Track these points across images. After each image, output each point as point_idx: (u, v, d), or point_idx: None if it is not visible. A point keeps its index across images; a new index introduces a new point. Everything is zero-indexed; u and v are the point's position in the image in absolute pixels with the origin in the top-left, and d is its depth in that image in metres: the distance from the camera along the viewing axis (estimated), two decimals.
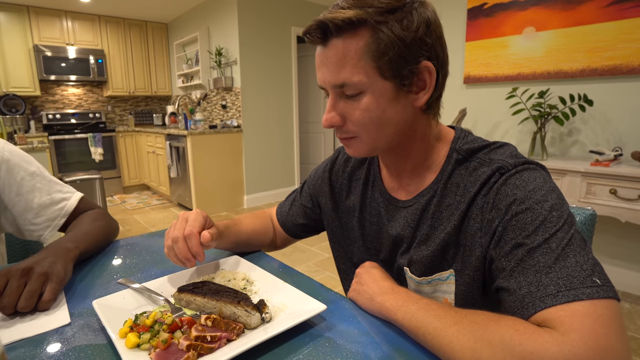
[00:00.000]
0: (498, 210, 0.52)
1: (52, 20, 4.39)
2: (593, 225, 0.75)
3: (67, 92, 4.86)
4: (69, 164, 4.42)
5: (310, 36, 0.55)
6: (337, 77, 0.54)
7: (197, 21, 4.54)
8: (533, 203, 0.50)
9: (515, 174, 0.54)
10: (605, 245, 2.21)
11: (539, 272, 0.45)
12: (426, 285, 0.63)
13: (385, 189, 0.69)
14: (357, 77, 0.53)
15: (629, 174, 1.77)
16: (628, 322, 1.85)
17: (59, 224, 0.86)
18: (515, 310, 0.45)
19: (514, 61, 2.50)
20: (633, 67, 2.02)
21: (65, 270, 0.64)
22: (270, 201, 4.34)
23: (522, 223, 0.49)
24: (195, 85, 4.74)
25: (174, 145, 3.93)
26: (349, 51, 0.52)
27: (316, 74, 0.59)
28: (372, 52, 0.52)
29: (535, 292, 0.44)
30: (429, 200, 0.62)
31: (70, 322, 0.56)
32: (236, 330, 0.51)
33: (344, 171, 0.78)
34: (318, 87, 0.60)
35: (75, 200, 0.89)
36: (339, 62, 0.53)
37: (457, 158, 0.60)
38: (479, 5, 2.61)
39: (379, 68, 0.53)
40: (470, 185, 0.57)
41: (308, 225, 0.86)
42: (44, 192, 0.85)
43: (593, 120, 2.22)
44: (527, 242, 0.48)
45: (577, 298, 0.41)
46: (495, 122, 2.67)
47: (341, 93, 0.56)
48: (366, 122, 0.56)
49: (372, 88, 0.54)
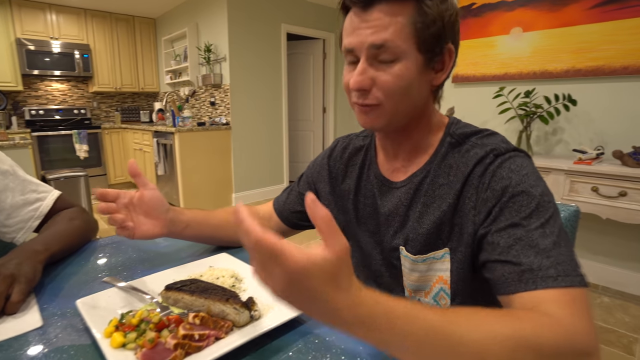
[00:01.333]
0: (494, 191, 0.55)
1: (35, 13, 4.28)
2: (577, 222, 0.77)
3: (51, 87, 4.75)
4: (52, 161, 4.32)
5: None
6: (379, 37, 0.54)
7: (186, 17, 4.48)
8: (528, 187, 0.53)
9: (509, 158, 0.57)
10: (587, 242, 2.26)
11: (539, 254, 0.49)
12: (421, 264, 0.64)
13: (379, 171, 0.71)
14: (398, 41, 0.54)
15: (610, 172, 1.81)
16: (607, 316, 1.91)
17: (32, 225, 0.82)
18: (509, 282, 0.49)
19: (502, 61, 2.53)
20: (615, 68, 2.07)
21: (33, 271, 0.62)
22: (258, 199, 4.32)
23: (519, 205, 0.53)
24: (183, 81, 4.68)
25: (162, 142, 3.88)
26: (397, 16, 0.54)
27: (342, 39, 0.59)
28: (417, 24, 0.54)
29: (537, 271, 0.47)
30: (422, 180, 0.64)
31: (42, 324, 0.54)
32: (225, 328, 0.51)
33: (342, 157, 0.79)
34: (343, 51, 0.60)
35: (50, 200, 0.85)
36: (384, 25, 0.54)
37: (450, 141, 0.63)
38: (468, 5, 2.63)
39: (418, 39, 0.55)
40: (462, 166, 0.60)
41: (305, 213, 0.85)
42: (17, 192, 0.81)
43: (577, 119, 2.27)
44: (524, 224, 0.51)
45: (572, 284, 0.46)
46: (482, 121, 2.70)
47: (375, 56, 0.56)
48: (394, 89, 0.57)
49: (407, 57, 0.55)
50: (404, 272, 0.67)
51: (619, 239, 2.16)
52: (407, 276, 0.67)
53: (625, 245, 2.14)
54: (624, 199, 1.79)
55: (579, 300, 0.45)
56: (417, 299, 0.67)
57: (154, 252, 0.81)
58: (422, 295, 0.67)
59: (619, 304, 2.02)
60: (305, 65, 4.88)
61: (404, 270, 0.67)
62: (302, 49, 4.83)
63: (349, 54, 0.59)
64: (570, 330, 0.41)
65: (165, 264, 0.74)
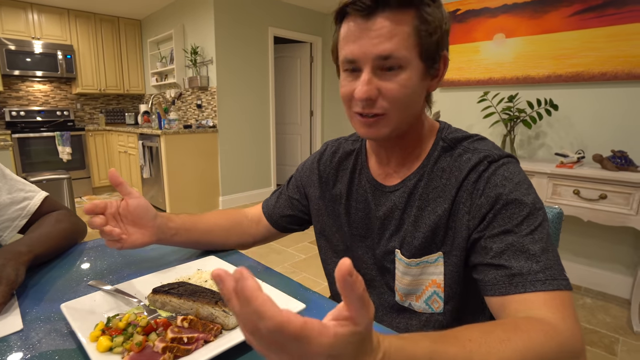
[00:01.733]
0: (488, 198, 0.57)
1: (16, 12, 4.17)
2: (560, 223, 0.79)
3: (33, 88, 4.64)
4: (34, 163, 4.21)
5: (359, 4, 0.54)
6: (385, 48, 0.54)
7: (172, 18, 4.44)
8: (520, 195, 0.56)
9: (502, 165, 0.59)
10: (569, 244, 2.31)
11: (529, 259, 0.52)
12: (414, 267, 0.65)
13: (372, 176, 0.71)
14: (404, 51, 0.54)
15: (590, 176, 1.86)
16: (590, 317, 1.95)
17: (19, 224, 0.82)
18: (500, 284, 0.52)
19: (485, 66, 2.59)
20: (594, 74, 2.13)
21: (16, 273, 0.61)
22: (245, 202, 4.30)
23: (511, 212, 0.55)
24: (169, 84, 4.63)
25: (147, 145, 3.83)
26: (401, 25, 0.54)
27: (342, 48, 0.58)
28: (420, 32, 0.54)
29: (527, 275, 0.51)
30: (415, 184, 0.65)
31: (22, 328, 0.53)
32: (214, 331, 0.50)
33: (332, 161, 0.79)
34: (344, 61, 0.58)
35: (38, 200, 0.85)
36: (389, 34, 0.54)
37: (442, 146, 0.65)
38: (453, 11, 2.68)
39: (421, 47, 0.55)
40: (456, 170, 0.62)
41: (294, 216, 0.86)
42: (3, 191, 0.81)
43: (558, 124, 2.33)
44: (515, 230, 0.54)
45: (559, 288, 0.49)
46: (467, 125, 2.75)
47: (379, 66, 0.55)
48: (400, 97, 0.56)
49: (411, 66, 0.56)
50: (396, 275, 0.68)
51: (600, 241, 2.22)
52: (399, 280, 0.67)
53: (606, 247, 2.20)
54: (604, 202, 1.84)
55: (567, 303, 0.48)
56: (408, 303, 0.68)
57: (140, 255, 0.80)
58: (413, 299, 0.67)
59: (601, 305, 2.07)
60: (292, 68, 4.89)
61: (396, 274, 0.67)
62: (289, 52, 4.84)
63: (349, 64, 0.58)
64: (565, 335, 0.45)
65: (153, 267, 0.73)
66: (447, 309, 0.65)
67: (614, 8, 2.03)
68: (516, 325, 0.45)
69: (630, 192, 1.77)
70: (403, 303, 0.69)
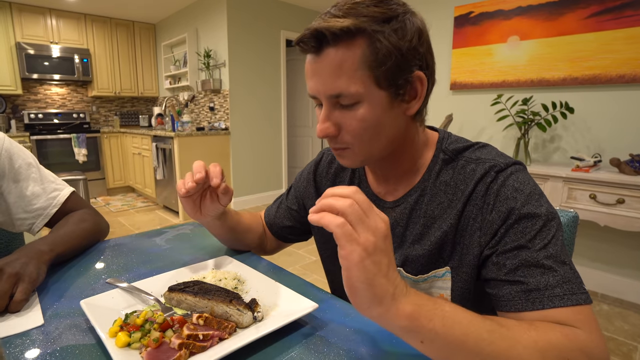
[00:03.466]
0: (499, 212, 0.54)
1: (36, 18, 4.30)
2: (575, 227, 0.78)
3: (51, 91, 4.76)
4: (51, 164, 4.31)
5: (304, 44, 0.53)
6: (333, 88, 0.52)
7: (185, 22, 4.51)
8: (533, 208, 0.53)
9: (510, 175, 0.56)
10: (586, 249, 2.27)
11: (545, 274, 0.49)
12: (422, 283, 0.63)
13: (372, 191, 0.69)
14: (354, 87, 0.52)
15: (608, 180, 1.82)
16: (607, 324, 1.91)
17: (50, 213, 0.86)
18: (516, 300, 0.50)
19: (499, 69, 2.56)
20: (611, 77, 2.09)
21: (37, 272, 0.63)
22: (257, 204, 4.32)
23: (524, 227, 0.52)
24: (182, 86, 4.69)
25: (161, 147, 3.88)
26: (346, 61, 0.51)
27: (306, 81, 0.58)
28: (370, 62, 0.51)
29: (544, 290, 0.48)
30: (417, 199, 0.63)
31: (43, 323, 0.55)
32: (228, 328, 0.51)
33: (328, 172, 0.78)
34: (309, 96, 0.58)
35: (67, 192, 0.90)
36: (335, 72, 0.52)
37: (443, 158, 0.62)
38: (466, 13, 2.67)
39: (375, 78, 0.52)
40: (461, 183, 0.59)
41: (295, 227, 0.85)
42: (37, 181, 0.86)
43: (574, 127, 2.29)
44: (529, 245, 0.51)
45: (578, 302, 0.47)
46: (480, 128, 2.72)
47: (336, 103, 0.54)
48: (362, 132, 0.55)
49: (368, 98, 0.53)
50: None
51: (617, 247, 2.17)
52: None
53: (624, 252, 2.15)
54: (622, 207, 1.80)
55: (589, 317, 0.46)
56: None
57: (156, 254, 0.82)
58: None
59: (618, 312, 2.02)
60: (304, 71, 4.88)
61: None
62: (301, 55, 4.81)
63: (313, 99, 0.58)
64: (582, 340, 0.44)
65: (168, 266, 0.74)
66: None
67: (631, 10, 1.99)
68: (537, 326, 0.44)
69: None
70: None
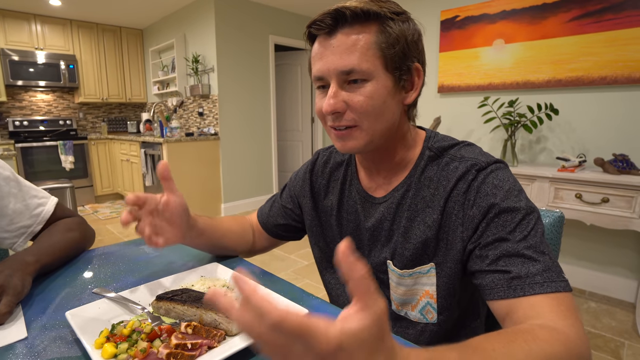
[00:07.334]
0: (480, 208, 0.57)
1: (20, 24, 4.23)
2: (561, 227, 0.79)
3: (36, 98, 4.67)
4: (37, 172, 4.23)
5: (320, 23, 0.57)
6: (346, 64, 0.56)
7: (173, 28, 4.49)
8: (512, 202, 0.56)
9: (490, 172, 0.59)
10: (572, 248, 2.31)
11: (526, 263, 0.52)
12: (407, 278, 0.65)
13: (362, 188, 0.72)
14: (365, 64, 0.56)
15: (593, 179, 1.86)
16: (594, 321, 1.94)
17: (35, 231, 0.82)
18: (499, 288, 0.52)
19: (485, 71, 2.60)
20: (593, 78, 2.14)
21: (22, 284, 0.61)
22: (248, 209, 4.30)
23: (504, 220, 0.55)
24: (171, 92, 4.66)
25: (149, 153, 3.85)
26: (360, 40, 0.56)
27: (311, 67, 0.61)
28: (380, 44, 0.56)
29: (525, 278, 0.51)
30: (403, 194, 0.65)
31: (27, 336, 0.53)
32: (217, 337, 0.51)
33: (323, 172, 0.80)
34: (313, 80, 0.61)
35: (51, 205, 0.85)
36: (349, 49, 0.56)
37: (429, 155, 0.65)
38: (452, 17, 2.71)
39: (384, 59, 0.56)
40: (443, 179, 0.62)
41: (288, 225, 0.86)
42: (18, 197, 0.81)
43: (559, 128, 2.33)
44: (509, 237, 0.54)
45: (557, 290, 0.49)
46: (468, 130, 2.76)
47: (345, 80, 0.57)
48: (368, 109, 0.57)
49: (376, 77, 0.57)
50: (391, 285, 0.68)
51: (603, 245, 2.21)
52: (394, 290, 0.68)
53: (610, 250, 2.19)
54: (607, 205, 1.84)
55: (571, 307, 0.48)
56: (404, 312, 0.68)
57: (144, 263, 0.81)
58: (408, 309, 0.68)
59: (605, 309, 2.06)
60: (293, 75, 4.92)
61: (391, 284, 0.68)
62: (290, 59, 4.87)
63: (318, 81, 0.60)
64: (577, 343, 0.45)
65: (156, 275, 0.74)
66: (441, 319, 0.65)
67: (611, 13, 2.04)
68: (535, 335, 0.44)
69: (632, 196, 1.76)
70: (399, 312, 0.69)
